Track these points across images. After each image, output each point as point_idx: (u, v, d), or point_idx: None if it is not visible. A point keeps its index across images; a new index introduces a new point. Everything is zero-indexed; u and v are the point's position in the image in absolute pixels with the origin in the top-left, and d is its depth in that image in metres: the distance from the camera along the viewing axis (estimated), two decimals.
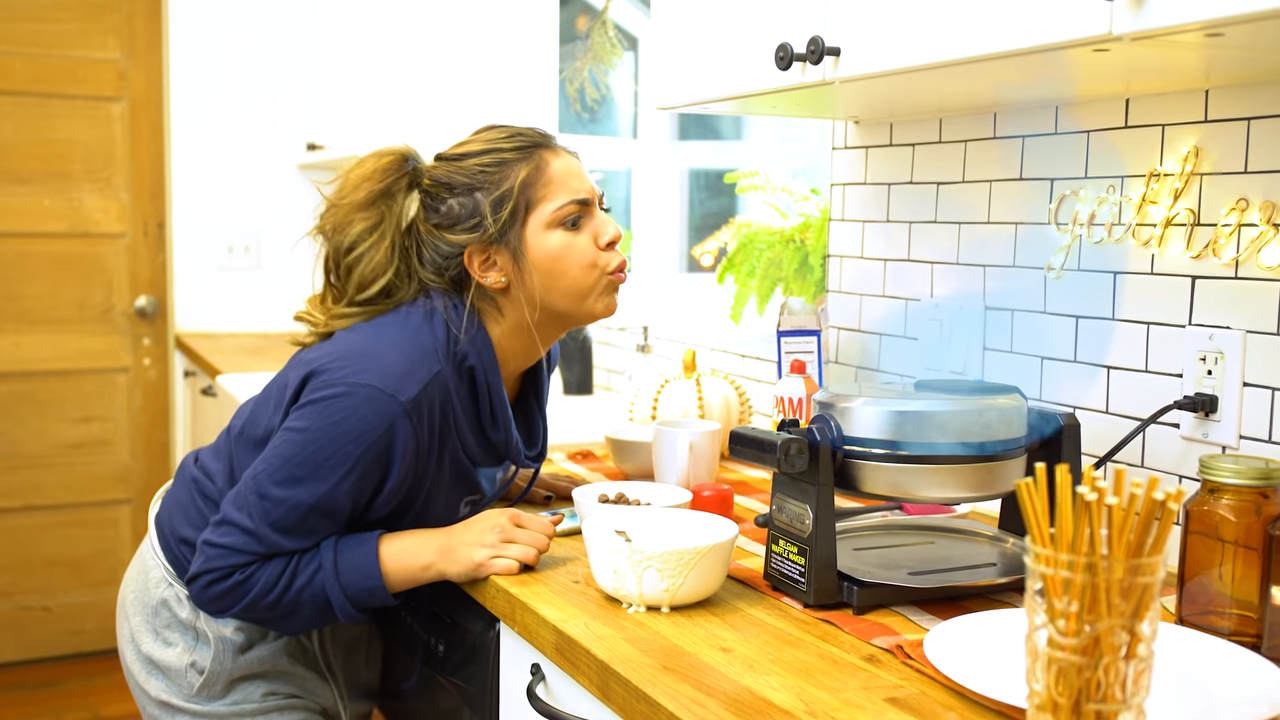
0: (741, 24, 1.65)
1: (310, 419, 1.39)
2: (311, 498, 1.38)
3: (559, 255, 1.49)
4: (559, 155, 1.53)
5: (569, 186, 1.51)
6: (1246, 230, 1.39)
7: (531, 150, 1.51)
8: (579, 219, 1.51)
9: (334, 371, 1.40)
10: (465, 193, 1.49)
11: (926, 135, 1.87)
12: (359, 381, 1.39)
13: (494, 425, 1.51)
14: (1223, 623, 1.21)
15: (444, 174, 1.51)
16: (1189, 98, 1.45)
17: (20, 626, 3.75)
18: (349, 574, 1.41)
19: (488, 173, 1.49)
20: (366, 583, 1.42)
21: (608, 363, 2.92)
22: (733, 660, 1.16)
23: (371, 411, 1.38)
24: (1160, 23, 1.03)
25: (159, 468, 3.88)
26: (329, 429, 1.38)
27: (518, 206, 1.48)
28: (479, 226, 1.48)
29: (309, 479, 1.38)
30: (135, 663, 1.58)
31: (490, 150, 1.50)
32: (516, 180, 1.48)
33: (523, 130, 1.54)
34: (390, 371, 1.40)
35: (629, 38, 3.27)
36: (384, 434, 1.38)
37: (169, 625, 1.55)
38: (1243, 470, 1.20)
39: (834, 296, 2.11)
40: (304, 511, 1.39)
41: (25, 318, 3.68)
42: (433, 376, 1.42)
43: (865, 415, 1.30)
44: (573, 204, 1.50)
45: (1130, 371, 1.55)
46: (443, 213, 1.50)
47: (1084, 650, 0.84)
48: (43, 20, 3.61)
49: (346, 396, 1.38)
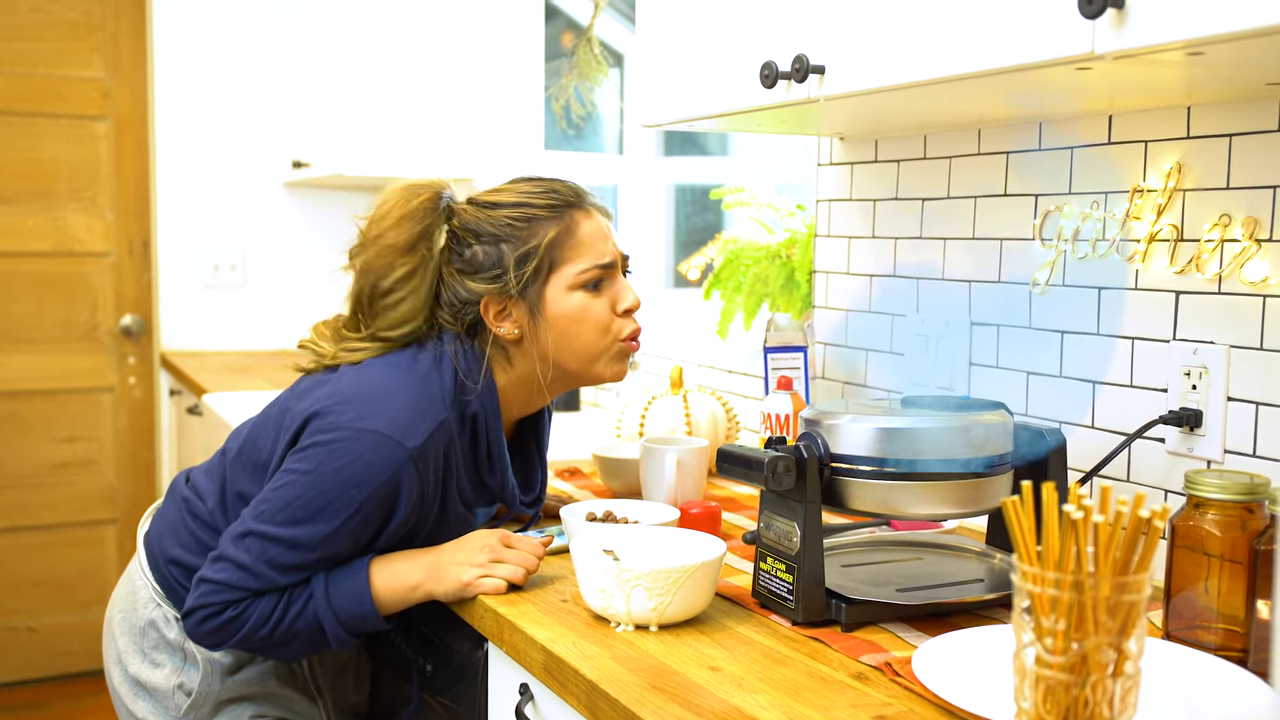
0: (726, 42, 1.66)
1: (314, 462, 1.39)
2: (312, 540, 1.38)
3: (576, 318, 1.51)
4: (590, 216, 1.54)
5: (595, 250, 1.52)
6: (1229, 245, 1.39)
7: (563, 210, 1.52)
8: (600, 282, 1.52)
9: (339, 414, 1.40)
10: (491, 242, 1.50)
11: (911, 151, 1.88)
12: (365, 427, 1.38)
13: (491, 471, 1.52)
14: (1209, 637, 1.22)
15: (473, 220, 1.52)
16: (1171, 114, 1.46)
17: (5, 648, 3.72)
18: (341, 600, 1.41)
19: (516, 227, 1.50)
20: (359, 608, 1.41)
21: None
22: (721, 679, 1.16)
23: (377, 457, 1.38)
24: (1142, 42, 1.04)
25: (145, 487, 3.86)
26: (333, 474, 1.37)
27: (541, 265, 1.49)
28: (500, 279, 1.49)
29: (310, 521, 1.38)
30: (122, 684, 1.57)
31: (522, 204, 1.51)
32: (544, 239, 1.49)
33: (558, 186, 1.54)
34: (398, 418, 1.40)
35: (615, 54, 3.28)
36: (389, 480, 1.38)
37: (156, 646, 1.54)
38: (1228, 485, 1.20)
39: (820, 312, 2.12)
40: (303, 552, 1.39)
41: (10, 337, 3.66)
42: (439, 424, 1.42)
43: (852, 432, 1.31)
44: (596, 269, 1.51)
45: (1115, 386, 1.55)
46: (466, 258, 1.51)
47: (1071, 668, 0.84)
48: (27, 39, 3.61)
49: (352, 442, 1.38)
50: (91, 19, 3.68)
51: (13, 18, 3.58)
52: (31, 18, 3.60)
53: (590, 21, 2.96)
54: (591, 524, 1.55)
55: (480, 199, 1.55)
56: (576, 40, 3.02)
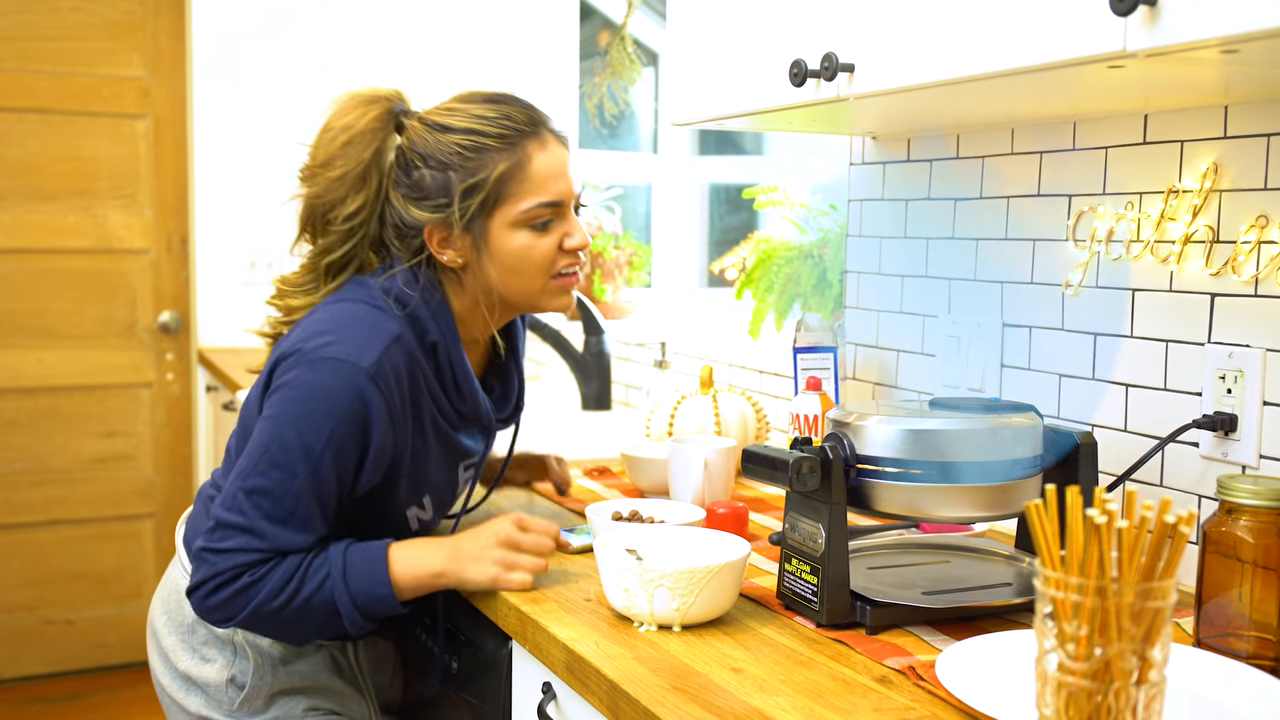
0: (756, 41, 1.65)
1: (281, 404, 1.38)
2: (295, 481, 1.37)
3: (519, 256, 1.47)
4: (545, 147, 1.47)
5: (546, 187, 1.46)
6: (1267, 248, 1.37)
7: (517, 140, 1.45)
8: (549, 222, 1.48)
9: (299, 354, 1.40)
10: (439, 169, 1.45)
11: (943, 151, 1.86)
12: (321, 355, 1.38)
13: (460, 397, 1.50)
14: (1241, 645, 1.20)
15: (422, 142, 1.46)
16: (1208, 113, 1.44)
17: (44, 640, 3.76)
18: (358, 581, 1.40)
19: (465, 155, 1.44)
20: (376, 590, 1.40)
21: (626, 378, 2.92)
22: (743, 681, 1.15)
23: (337, 381, 1.37)
24: (1174, 40, 1.02)
25: (182, 482, 3.90)
26: (299, 408, 1.37)
27: (488, 198, 1.44)
28: (445, 209, 1.44)
29: (289, 462, 1.37)
30: (173, 683, 1.57)
31: (474, 131, 1.45)
32: (493, 173, 1.44)
33: (513, 113, 1.47)
34: (351, 341, 1.39)
35: (649, 53, 3.27)
36: (353, 403, 1.37)
37: (206, 642, 1.54)
38: (1261, 491, 1.18)
39: (851, 312, 2.10)
40: (292, 496, 1.37)
41: (50, 333, 3.71)
42: (392, 339, 1.41)
43: (878, 433, 1.29)
44: (544, 207, 1.46)
45: (1149, 389, 1.53)
46: (413, 180, 1.46)
47: (1094, 675, 0.83)
48: (69, 39, 3.65)
49: (311, 372, 1.38)
50: (132, 19, 3.72)
51: (54, 18, 3.62)
52: (73, 18, 3.64)
53: (624, 20, 2.95)
54: (616, 523, 1.54)
55: (432, 118, 1.48)
56: (611, 39, 3.02)
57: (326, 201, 1.48)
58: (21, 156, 3.63)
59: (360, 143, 1.46)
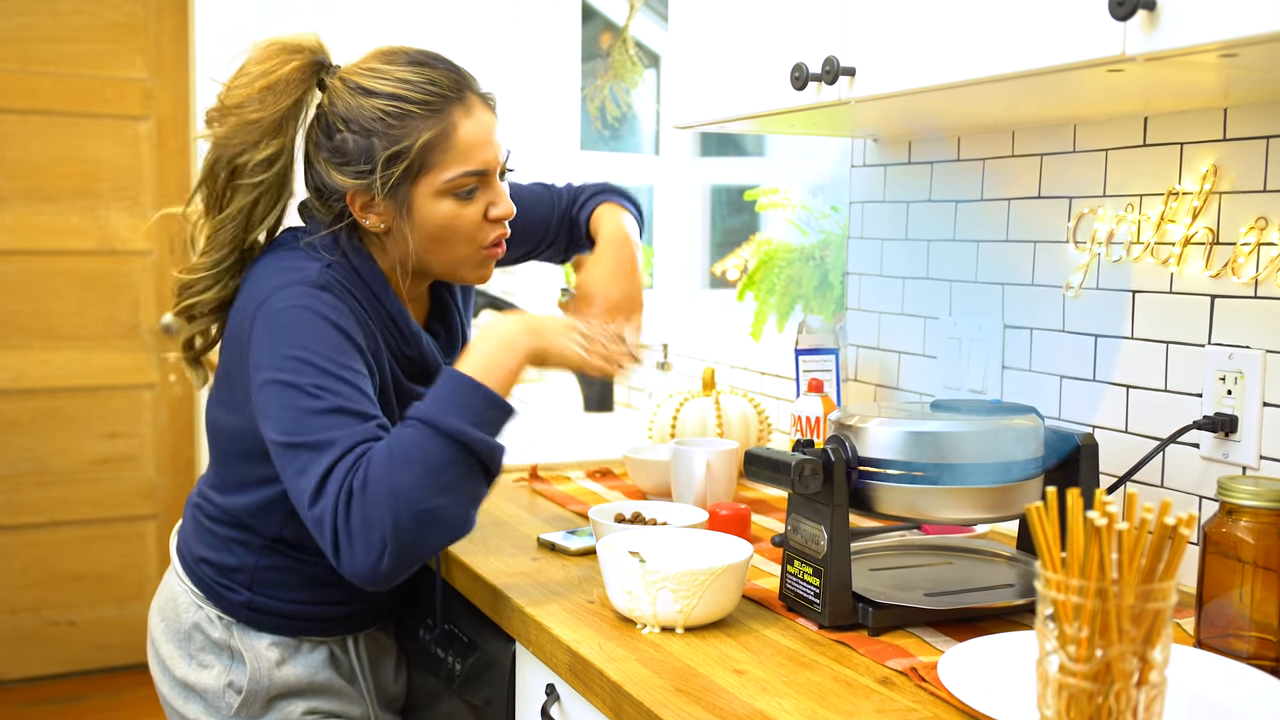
0: (757, 44, 1.66)
1: (267, 352, 1.35)
2: (335, 400, 1.30)
3: (443, 225, 1.44)
4: (471, 114, 1.43)
5: (471, 156, 1.42)
6: (1266, 249, 1.38)
7: (441, 106, 1.40)
8: (474, 190, 1.44)
9: (251, 305, 1.39)
10: (361, 134, 1.40)
11: (944, 153, 1.87)
12: (270, 289, 1.38)
13: (405, 343, 1.49)
14: (1242, 645, 1.20)
15: (343, 105, 1.41)
16: (1208, 116, 1.45)
17: (46, 641, 3.77)
18: (460, 415, 1.29)
19: (388, 122, 1.39)
20: (484, 411, 1.31)
21: (628, 379, 2.93)
22: (746, 682, 1.15)
23: (298, 298, 1.36)
24: (1173, 44, 1.03)
25: (184, 483, 3.91)
26: (283, 343, 1.34)
27: (412, 166, 1.40)
28: (368, 175, 1.40)
29: (315, 389, 1.31)
30: (172, 690, 1.58)
31: (398, 97, 1.39)
32: (417, 141, 1.39)
33: (437, 77, 1.42)
34: (291, 273, 1.39)
35: (651, 55, 3.28)
36: (319, 310, 1.36)
37: (203, 648, 1.55)
38: (1262, 492, 1.19)
39: (853, 314, 2.11)
40: (334, 403, 1.30)
41: (53, 334, 3.72)
42: (325, 265, 1.41)
43: (880, 436, 1.30)
44: (469, 176, 1.42)
45: (1149, 391, 1.54)
46: (334, 143, 1.42)
47: (1095, 676, 0.84)
48: (72, 41, 3.65)
49: (272, 310, 1.36)
50: (135, 21, 3.72)
51: (57, 20, 3.63)
52: (76, 20, 3.64)
53: (625, 22, 2.96)
54: (619, 525, 1.55)
55: (354, 79, 1.42)
56: (613, 41, 3.03)
57: (237, 144, 1.42)
58: (24, 158, 3.63)
59: (280, 90, 1.42)
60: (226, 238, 1.47)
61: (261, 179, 1.43)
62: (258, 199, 1.45)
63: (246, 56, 1.46)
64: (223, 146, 1.43)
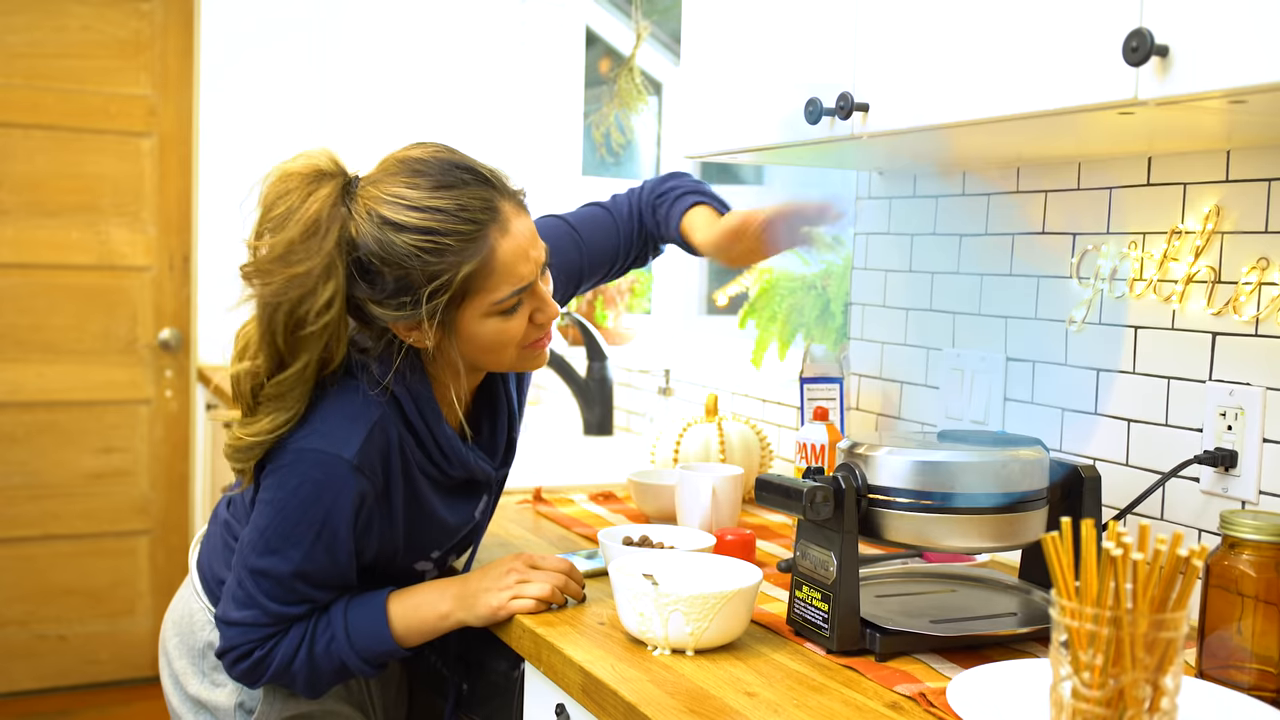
0: (770, 78, 1.69)
1: (273, 490, 1.41)
2: (290, 566, 1.40)
3: (490, 339, 1.43)
4: (507, 232, 1.38)
5: (514, 274, 1.39)
6: (1267, 289, 1.41)
7: (477, 234, 1.36)
8: (519, 305, 1.42)
9: (286, 443, 1.41)
10: (398, 268, 1.35)
11: (950, 187, 1.90)
12: (305, 446, 1.39)
13: (449, 465, 1.50)
14: (1242, 677, 1.23)
15: (375, 242, 1.35)
16: (1211, 158, 1.48)
17: (36, 655, 3.76)
18: (361, 640, 1.45)
19: (425, 259, 1.34)
20: (380, 646, 1.45)
21: (628, 404, 2.95)
22: (757, 705, 1.17)
23: (323, 474, 1.38)
24: (1185, 90, 1.06)
25: (178, 500, 3.91)
26: (290, 497, 1.39)
27: (455, 296, 1.37)
28: (410, 306, 1.36)
29: (283, 548, 1.40)
30: (182, 705, 1.59)
31: (431, 231, 1.34)
32: (458, 273, 1.35)
33: (468, 200, 1.36)
34: (333, 431, 1.39)
35: (653, 83, 3.32)
36: (340, 494, 1.39)
37: (217, 667, 1.55)
38: (1263, 526, 1.22)
39: (856, 344, 2.14)
40: (289, 580, 1.41)
41: (50, 348, 3.72)
42: (373, 425, 1.40)
43: (891, 464, 1.32)
44: (514, 295, 1.40)
45: (1150, 425, 1.56)
46: (372, 277, 1.36)
47: (1108, 702, 0.86)
48: (78, 57, 3.68)
49: (297, 463, 1.39)
50: (140, 38, 3.75)
51: (63, 35, 3.65)
52: (82, 36, 3.67)
53: (632, 52, 3.00)
54: (629, 548, 1.57)
55: (379, 210, 1.35)
56: (617, 69, 3.06)
57: (291, 299, 1.34)
58: (28, 172, 3.65)
59: (320, 233, 1.34)
60: (300, 393, 1.40)
61: (326, 321, 1.35)
62: (328, 341, 1.38)
63: (261, 192, 1.39)
64: (275, 304, 1.35)
